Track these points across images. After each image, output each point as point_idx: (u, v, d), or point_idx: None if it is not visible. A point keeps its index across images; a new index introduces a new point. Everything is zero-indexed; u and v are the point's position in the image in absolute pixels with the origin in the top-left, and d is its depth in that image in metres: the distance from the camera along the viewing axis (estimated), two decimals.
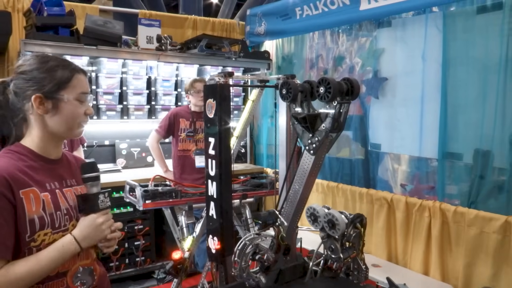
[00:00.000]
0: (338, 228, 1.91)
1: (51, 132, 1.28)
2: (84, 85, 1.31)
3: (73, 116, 1.28)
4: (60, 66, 1.27)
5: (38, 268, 1.16)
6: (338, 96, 1.46)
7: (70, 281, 1.26)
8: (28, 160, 1.24)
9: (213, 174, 1.79)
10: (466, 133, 2.73)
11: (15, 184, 1.15)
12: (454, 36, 2.74)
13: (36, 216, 1.17)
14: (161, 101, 4.19)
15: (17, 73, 1.27)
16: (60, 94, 1.25)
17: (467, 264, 2.66)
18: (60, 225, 1.23)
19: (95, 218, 1.26)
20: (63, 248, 1.20)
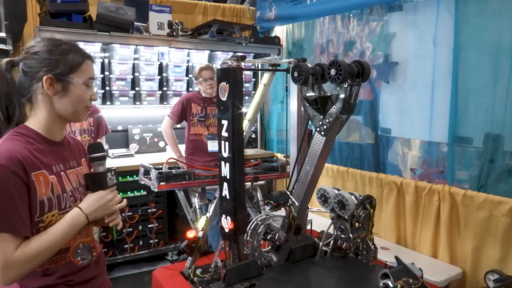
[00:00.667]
0: (348, 208, 1.96)
1: (58, 114, 1.32)
2: (92, 71, 1.36)
3: (80, 100, 1.32)
4: (72, 51, 1.32)
5: (53, 242, 1.22)
6: (348, 78, 1.49)
7: (71, 255, 1.34)
8: (36, 143, 1.27)
9: (226, 156, 1.84)
10: (476, 117, 2.73)
11: (28, 166, 1.19)
12: (466, 20, 2.72)
13: (45, 198, 1.23)
14: (173, 87, 4.24)
15: (28, 53, 1.30)
16: (70, 77, 1.29)
17: (475, 247, 2.68)
18: (66, 206, 1.29)
19: (104, 194, 1.34)
20: (72, 221, 1.27)
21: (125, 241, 3.76)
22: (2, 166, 1.14)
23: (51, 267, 1.29)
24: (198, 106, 3.60)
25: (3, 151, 1.18)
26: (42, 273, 1.28)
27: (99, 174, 1.35)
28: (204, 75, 3.49)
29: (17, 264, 1.16)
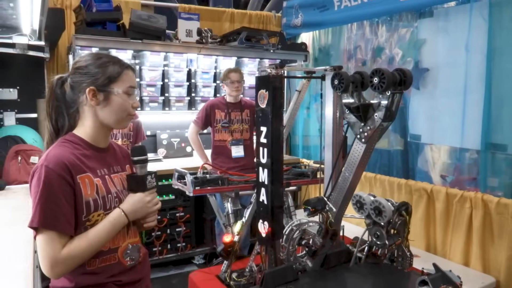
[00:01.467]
0: (384, 215, 1.96)
1: (102, 122, 1.40)
2: (132, 80, 1.43)
3: (122, 108, 1.39)
4: (111, 62, 1.40)
5: (97, 241, 1.31)
6: (391, 86, 1.50)
7: (121, 256, 1.40)
8: (82, 148, 1.37)
9: (264, 162, 1.87)
10: (511, 124, 2.70)
11: (74, 169, 1.29)
12: (500, 26, 2.70)
13: (91, 199, 1.31)
14: (201, 93, 4.31)
15: (74, 69, 1.41)
16: (111, 87, 1.37)
17: (510, 256, 2.64)
18: (111, 207, 1.37)
19: (143, 196, 1.41)
20: (114, 221, 1.35)
21: (154, 244, 3.83)
22: (50, 169, 1.25)
23: (101, 266, 1.36)
24: (222, 112, 3.64)
25: (52, 156, 1.28)
26: (92, 271, 1.34)
27: (140, 176, 1.42)
28: (232, 77, 3.54)
29: (64, 261, 1.25)
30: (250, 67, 4.40)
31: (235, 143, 3.63)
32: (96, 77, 1.37)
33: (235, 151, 3.62)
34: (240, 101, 3.69)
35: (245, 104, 3.72)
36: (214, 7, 7.22)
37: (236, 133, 3.65)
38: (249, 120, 3.68)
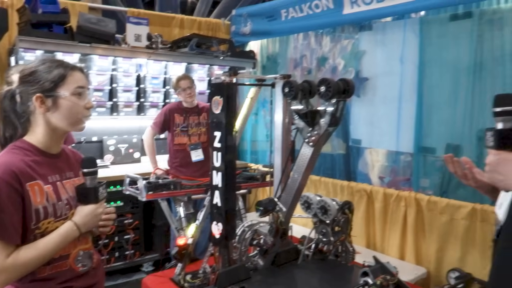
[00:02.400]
0: (330, 213, 2.12)
1: (54, 128, 1.40)
2: (80, 80, 1.42)
3: (73, 111, 1.39)
4: (55, 66, 1.39)
5: (44, 252, 1.30)
6: (336, 94, 1.66)
7: (72, 262, 1.41)
8: (32, 155, 1.36)
9: (218, 165, 1.95)
10: (439, 129, 3.00)
11: (23, 177, 1.28)
12: (429, 41, 3.00)
13: (40, 206, 1.31)
14: (150, 98, 4.30)
15: (20, 79, 1.40)
16: (57, 91, 1.36)
17: (438, 249, 2.91)
18: (61, 214, 1.38)
19: (95, 208, 1.40)
20: (66, 233, 1.35)
21: (101, 252, 3.75)
22: None
23: (52, 272, 1.36)
24: (181, 116, 3.70)
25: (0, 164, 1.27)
26: (42, 278, 1.34)
27: (91, 189, 1.41)
28: (182, 85, 3.60)
29: (8, 271, 1.24)
30: (199, 73, 4.46)
31: (194, 147, 3.69)
32: (41, 83, 1.35)
33: (194, 155, 3.68)
34: (197, 105, 3.77)
35: (203, 108, 3.79)
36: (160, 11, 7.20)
37: (194, 136, 3.72)
38: (207, 123, 3.75)
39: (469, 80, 2.79)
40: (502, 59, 2.62)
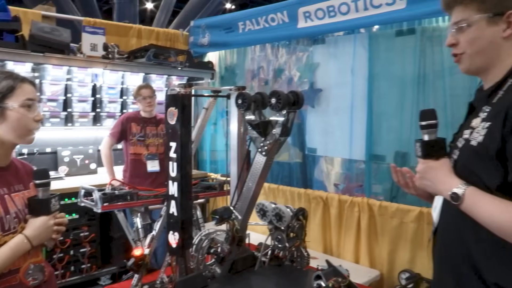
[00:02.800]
0: (284, 220, 2.19)
1: (2, 140, 1.38)
2: (29, 93, 1.41)
3: (21, 123, 1.38)
4: (3, 77, 1.38)
5: None
6: (286, 106, 1.74)
7: (22, 276, 1.39)
8: None
9: (174, 175, 1.98)
10: (388, 138, 3.17)
11: None
12: (377, 55, 3.18)
13: None
14: (106, 108, 4.24)
15: None
16: (5, 102, 1.36)
17: (390, 251, 3.06)
18: (10, 228, 1.36)
19: (47, 220, 1.38)
20: (16, 247, 1.33)
21: (56, 267, 3.63)
22: None
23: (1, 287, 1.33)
24: (138, 125, 3.69)
25: None
26: None
27: (43, 200, 1.40)
28: (143, 93, 3.62)
29: None
30: (158, 84, 4.45)
31: (151, 157, 3.67)
32: None
33: (150, 165, 3.67)
34: (155, 116, 3.77)
35: (161, 119, 3.79)
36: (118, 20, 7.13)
37: (152, 147, 3.71)
38: (164, 135, 3.74)
39: (413, 92, 2.98)
40: (441, 73, 2.83)
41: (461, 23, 1.21)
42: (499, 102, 1.15)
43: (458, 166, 1.20)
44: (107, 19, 11.80)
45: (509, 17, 1.15)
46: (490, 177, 1.11)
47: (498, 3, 1.16)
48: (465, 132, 1.22)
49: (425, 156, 1.22)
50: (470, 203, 1.11)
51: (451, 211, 1.20)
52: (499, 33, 1.17)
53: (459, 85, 2.76)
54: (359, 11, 3.02)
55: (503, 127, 1.08)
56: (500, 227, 1.06)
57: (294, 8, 3.44)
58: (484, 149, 1.12)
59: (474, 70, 1.25)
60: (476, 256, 1.14)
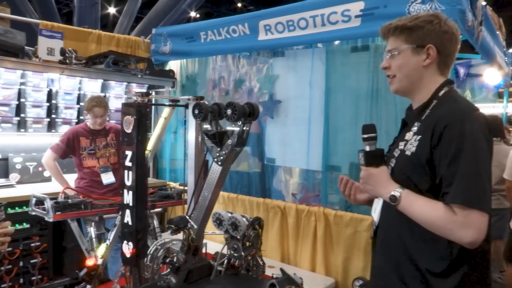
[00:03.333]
0: (240, 229, 2.22)
1: None
2: None
3: None
4: None
5: None
6: (242, 117, 1.78)
7: None
8: None
9: (129, 184, 1.97)
10: (343, 149, 3.28)
11: None
12: (334, 69, 3.31)
13: None
14: (62, 114, 4.13)
15: None
16: None
17: (345, 259, 3.15)
18: None
19: None
20: None
21: (3, 279, 3.46)
22: None
23: None
24: (87, 139, 3.57)
25: None
26: None
27: None
28: (96, 113, 3.48)
29: None
30: (117, 90, 4.38)
31: (104, 170, 3.58)
32: None
33: (105, 178, 3.56)
34: (104, 127, 3.67)
35: (110, 128, 3.71)
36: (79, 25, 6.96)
37: (103, 158, 3.61)
38: (116, 144, 3.67)
39: (367, 105, 3.12)
40: None
41: (393, 51, 1.45)
42: (427, 119, 1.39)
43: (395, 172, 1.41)
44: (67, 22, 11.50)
45: (428, 49, 1.40)
46: (421, 181, 1.34)
47: (421, 37, 1.40)
48: (400, 144, 1.44)
49: (367, 164, 1.42)
50: (406, 204, 1.33)
51: (390, 211, 1.41)
52: (421, 62, 1.42)
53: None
54: (317, 26, 3.12)
55: (431, 140, 1.32)
56: (430, 222, 1.29)
57: (255, 20, 3.51)
58: (417, 158, 1.35)
59: (402, 91, 1.49)
60: (412, 248, 1.37)
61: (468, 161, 1.25)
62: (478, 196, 1.24)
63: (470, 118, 1.30)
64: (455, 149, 1.26)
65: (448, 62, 1.46)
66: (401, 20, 1.45)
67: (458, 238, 1.25)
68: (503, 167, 3.80)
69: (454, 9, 2.53)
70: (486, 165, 1.30)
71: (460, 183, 1.25)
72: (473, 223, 1.23)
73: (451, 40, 1.43)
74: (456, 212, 1.25)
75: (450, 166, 1.27)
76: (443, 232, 1.28)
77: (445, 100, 1.41)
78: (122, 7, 12.19)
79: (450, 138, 1.28)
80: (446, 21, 1.43)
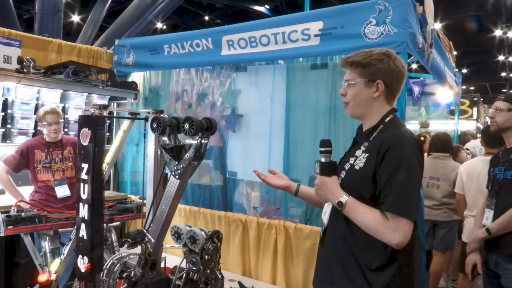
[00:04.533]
0: (198, 242, 2.23)
1: None
2: None
3: None
4: None
5: None
6: (200, 131, 1.81)
7: None
8: None
9: (85, 197, 1.94)
10: (303, 163, 3.37)
11: None
12: (294, 85, 3.41)
13: None
14: (18, 125, 3.99)
15: None
16: None
17: (305, 271, 3.20)
18: None
19: None
20: None
21: None
22: None
23: None
24: (42, 152, 3.46)
25: None
26: None
27: None
28: (49, 119, 3.41)
29: None
30: (77, 101, 4.30)
31: (58, 183, 3.47)
32: None
33: (60, 191, 3.46)
34: (61, 139, 3.58)
35: (67, 141, 3.62)
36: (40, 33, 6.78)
37: (59, 172, 3.51)
38: (73, 158, 3.58)
39: (326, 120, 3.23)
40: None
41: (349, 81, 1.68)
42: (374, 140, 1.64)
43: (344, 183, 1.65)
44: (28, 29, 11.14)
45: (378, 84, 1.64)
46: (366, 191, 1.59)
47: (372, 73, 1.64)
48: (350, 159, 1.69)
49: (321, 173, 1.65)
50: (349, 209, 1.58)
51: (338, 215, 1.65)
52: (371, 93, 1.65)
53: None
54: (278, 43, 3.20)
55: (376, 158, 1.57)
56: (367, 225, 1.54)
57: (219, 35, 3.56)
58: (364, 172, 1.60)
59: (355, 116, 1.74)
60: (354, 247, 1.61)
61: (402, 178, 1.50)
62: (407, 207, 1.50)
63: (408, 142, 1.56)
64: (394, 167, 1.52)
65: (394, 94, 1.70)
66: (357, 56, 1.67)
67: (388, 240, 1.50)
68: (450, 181, 4.01)
69: (406, 32, 2.68)
70: (416, 182, 1.56)
71: (394, 195, 1.50)
72: (401, 228, 1.48)
73: (398, 77, 1.66)
74: (388, 219, 1.50)
75: (388, 180, 1.52)
76: (376, 235, 1.52)
77: (389, 125, 1.66)
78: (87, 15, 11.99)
79: (391, 158, 1.53)
80: (395, 59, 1.66)
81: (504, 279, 2.43)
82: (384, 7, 2.70)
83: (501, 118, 2.53)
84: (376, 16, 2.74)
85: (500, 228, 2.42)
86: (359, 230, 1.57)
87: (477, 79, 21.61)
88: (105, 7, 11.06)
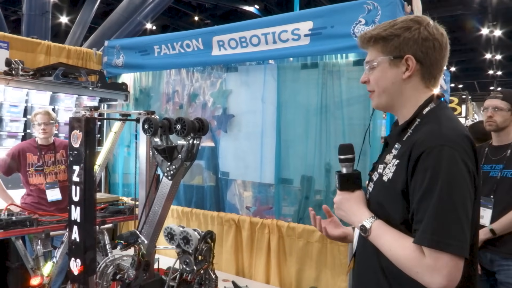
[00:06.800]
0: (191, 243, 2.23)
1: None
2: None
3: None
4: None
5: None
6: (191, 132, 1.81)
7: None
8: None
9: (77, 200, 1.94)
10: (295, 162, 3.38)
11: None
12: (285, 84, 3.42)
13: None
14: (8, 127, 3.95)
15: None
16: None
17: (298, 270, 3.21)
18: None
19: None
20: None
21: None
22: None
23: None
24: (34, 155, 3.46)
25: None
26: None
27: None
28: (38, 119, 3.44)
29: None
30: (67, 103, 4.27)
31: (50, 186, 3.46)
32: None
33: (50, 194, 3.44)
34: (53, 142, 3.57)
35: (60, 144, 3.62)
36: (27, 34, 6.71)
37: (51, 175, 3.50)
38: (65, 161, 3.56)
39: (317, 120, 3.24)
40: (340, 104, 3.12)
41: (370, 63, 1.29)
42: (407, 141, 1.23)
43: (372, 198, 1.29)
44: (15, 30, 11.02)
45: (407, 60, 1.23)
46: (395, 212, 1.20)
47: (397, 47, 1.23)
48: (379, 167, 1.30)
49: (341, 188, 1.31)
50: (375, 236, 1.20)
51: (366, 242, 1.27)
52: (399, 74, 1.25)
53: (355, 115, 3.09)
54: (268, 43, 3.22)
55: (407, 167, 1.16)
56: (397, 260, 1.16)
57: (209, 36, 3.56)
58: (393, 186, 1.20)
59: (383, 107, 1.35)
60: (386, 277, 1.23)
61: (442, 197, 1.09)
62: (450, 237, 1.08)
63: (451, 144, 1.13)
64: (428, 181, 1.11)
65: (434, 72, 1.27)
66: (376, 29, 1.28)
67: (426, 282, 1.10)
68: None
69: None
70: (465, 201, 1.11)
71: (430, 222, 1.09)
72: (442, 268, 1.07)
73: (434, 47, 1.24)
74: (425, 254, 1.10)
75: (422, 200, 1.12)
76: (410, 273, 1.13)
77: (429, 119, 1.23)
78: (75, 16, 11.88)
79: (425, 167, 1.12)
80: (428, 26, 1.25)
81: (502, 274, 2.40)
82: (373, 7, 2.73)
83: (500, 118, 2.46)
84: (365, 16, 2.76)
85: (505, 228, 2.38)
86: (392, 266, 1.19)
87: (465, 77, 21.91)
88: (94, 8, 10.98)
